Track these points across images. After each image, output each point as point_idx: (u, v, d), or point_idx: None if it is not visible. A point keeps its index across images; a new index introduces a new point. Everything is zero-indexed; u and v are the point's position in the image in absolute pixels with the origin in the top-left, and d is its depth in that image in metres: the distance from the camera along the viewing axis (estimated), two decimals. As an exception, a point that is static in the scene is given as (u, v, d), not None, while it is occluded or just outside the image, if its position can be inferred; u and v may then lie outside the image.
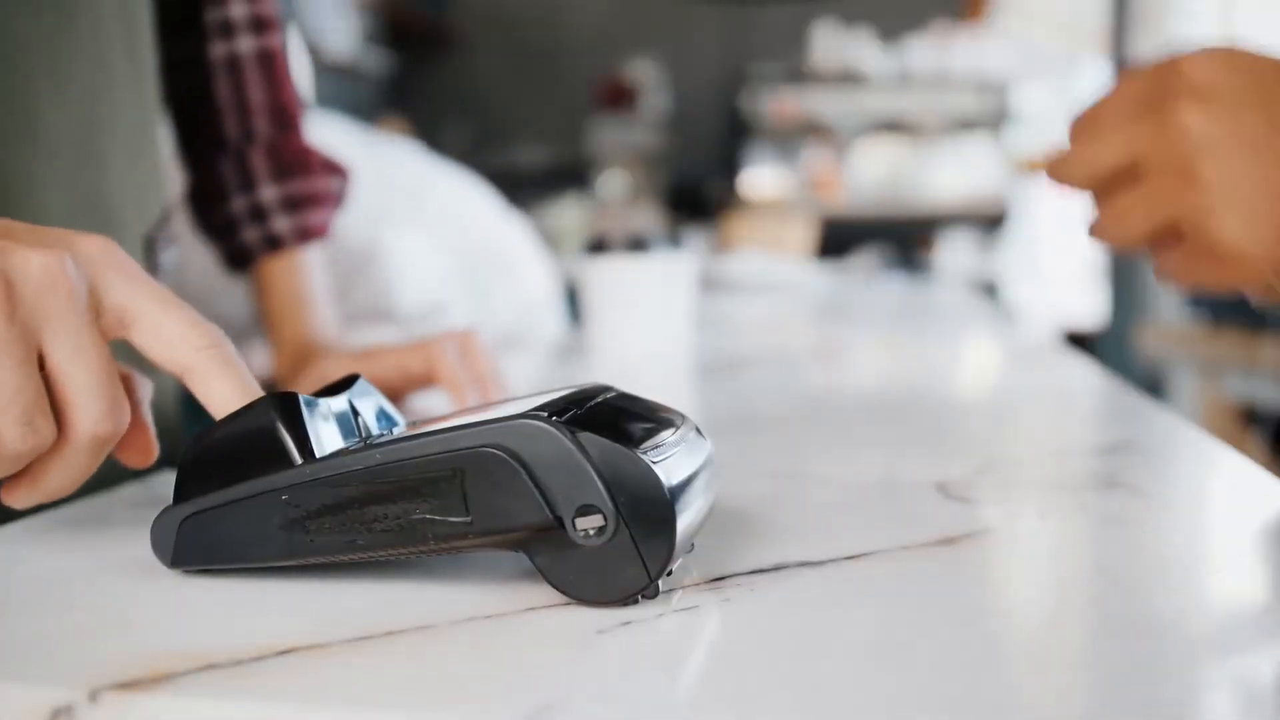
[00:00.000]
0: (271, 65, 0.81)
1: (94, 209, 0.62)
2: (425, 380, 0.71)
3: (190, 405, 0.85)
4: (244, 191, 0.80)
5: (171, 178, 0.75)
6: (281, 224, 0.80)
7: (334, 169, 0.83)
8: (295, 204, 0.80)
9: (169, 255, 0.71)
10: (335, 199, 0.83)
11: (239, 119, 0.80)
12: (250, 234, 0.80)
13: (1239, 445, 1.26)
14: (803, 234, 3.01)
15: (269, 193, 0.80)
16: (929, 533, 0.46)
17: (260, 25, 0.80)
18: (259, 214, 0.79)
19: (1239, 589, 0.41)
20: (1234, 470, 0.59)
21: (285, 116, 0.82)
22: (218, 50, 0.79)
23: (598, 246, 1.10)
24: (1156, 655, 0.33)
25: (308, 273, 0.81)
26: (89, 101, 0.61)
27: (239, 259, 0.81)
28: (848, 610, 0.37)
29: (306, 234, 0.81)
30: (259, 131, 0.81)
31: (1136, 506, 0.51)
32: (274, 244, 0.80)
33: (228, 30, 0.79)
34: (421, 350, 0.71)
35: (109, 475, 0.64)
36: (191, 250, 1.36)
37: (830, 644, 0.34)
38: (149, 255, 0.67)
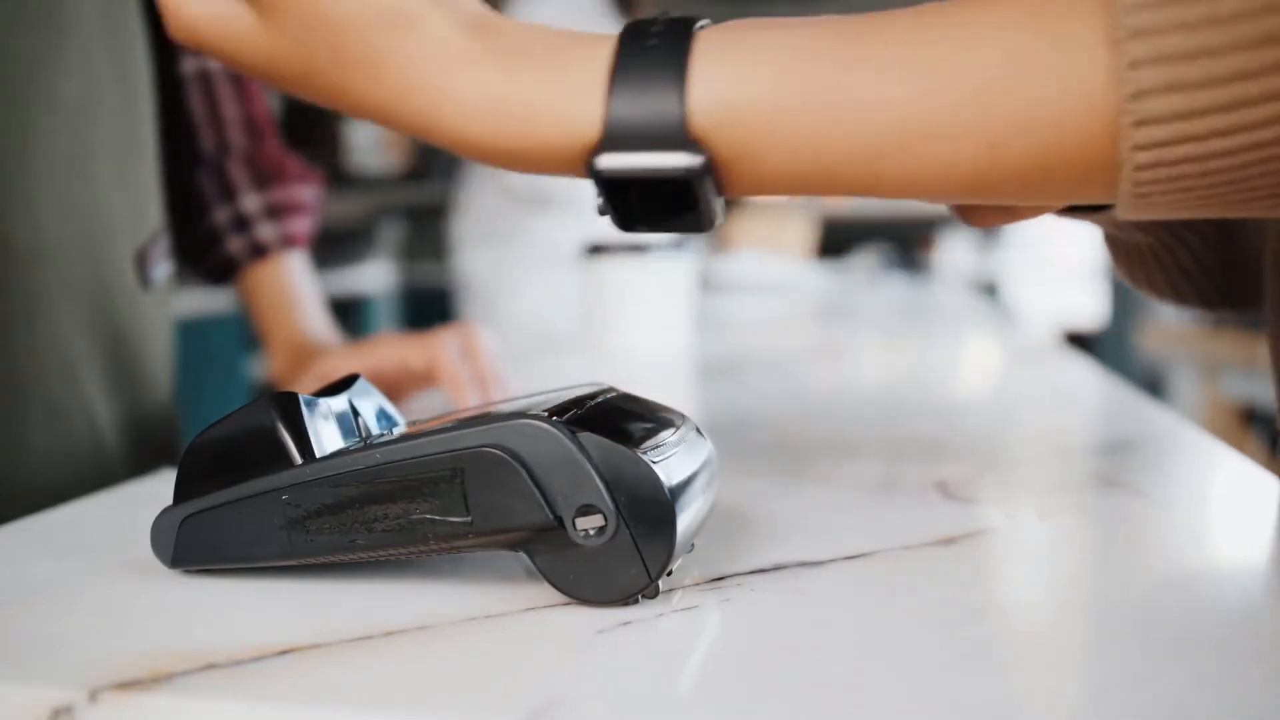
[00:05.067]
0: (241, 78, 0.81)
1: (86, 224, 0.62)
2: (425, 377, 0.71)
3: (187, 406, 0.84)
4: (225, 202, 0.80)
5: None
6: (266, 232, 0.80)
7: (307, 177, 0.83)
8: (277, 212, 0.80)
9: (160, 270, 0.71)
10: (312, 207, 0.84)
11: (214, 132, 0.80)
12: (235, 244, 0.79)
13: (1239, 445, 1.26)
14: (802, 234, 3.00)
15: (251, 202, 0.79)
16: (929, 533, 0.46)
17: None
18: (242, 223, 0.79)
19: (1239, 589, 0.41)
20: (1234, 470, 0.59)
21: (257, 127, 0.82)
22: (188, 65, 0.79)
23: (598, 247, 1.10)
24: (1156, 655, 0.33)
25: (294, 275, 0.80)
26: (79, 119, 0.61)
27: (223, 270, 0.81)
28: (848, 610, 0.37)
29: (290, 241, 0.81)
30: (234, 143, 0.80)
31: (1136, 506, 0.51)
32: (260, 252, 0.79)
33: None
34: (422, 346, 0.71)
35: (109, 475, 0.64)
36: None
37: (830, 644, 0.34)
38: (140, 270, 0.67)
